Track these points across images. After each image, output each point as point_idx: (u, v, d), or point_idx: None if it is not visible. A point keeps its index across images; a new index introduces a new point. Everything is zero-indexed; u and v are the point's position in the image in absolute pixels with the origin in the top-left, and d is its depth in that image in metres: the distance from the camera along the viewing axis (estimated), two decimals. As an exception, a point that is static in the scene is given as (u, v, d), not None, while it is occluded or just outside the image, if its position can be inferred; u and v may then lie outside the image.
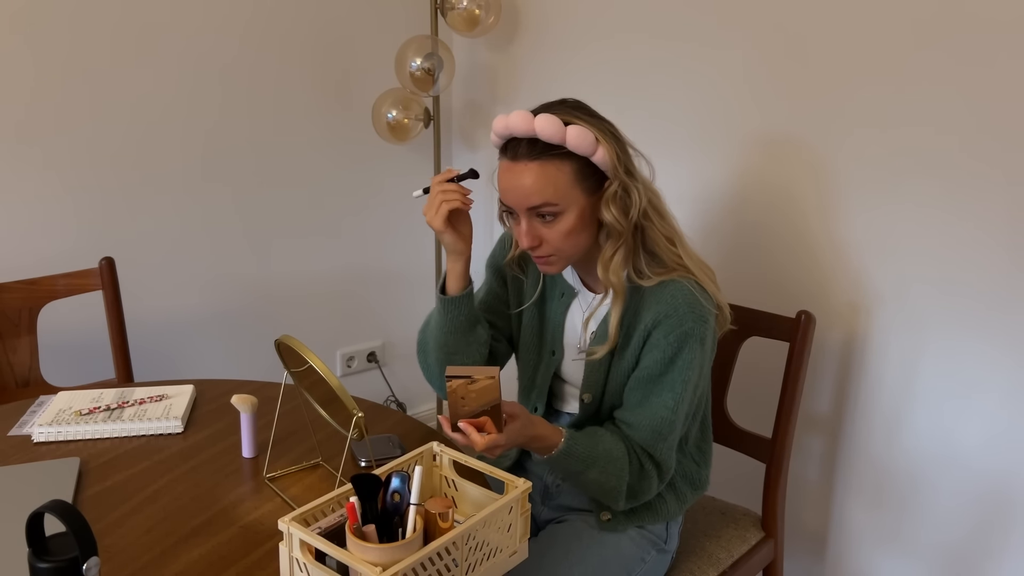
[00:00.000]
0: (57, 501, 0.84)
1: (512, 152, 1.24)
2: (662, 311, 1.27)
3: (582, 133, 1.20)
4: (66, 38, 1.92)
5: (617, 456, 1.28)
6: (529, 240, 1.26)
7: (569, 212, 1.24)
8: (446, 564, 0.96)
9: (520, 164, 1.23)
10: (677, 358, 1.27)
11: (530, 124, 1.20)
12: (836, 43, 1.69)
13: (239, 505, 1.21)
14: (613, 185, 1.24)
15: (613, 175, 1.24)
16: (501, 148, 1.27)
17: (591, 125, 1.22)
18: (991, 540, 1.64)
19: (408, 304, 2.69)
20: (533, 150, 1.22)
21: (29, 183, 1.95)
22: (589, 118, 1.24)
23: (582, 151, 1.21)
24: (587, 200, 1.25)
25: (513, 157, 1.24)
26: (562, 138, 1.20)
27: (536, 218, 1.25)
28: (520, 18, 2.37)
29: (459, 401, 1.12)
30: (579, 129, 1.20)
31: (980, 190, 1.53)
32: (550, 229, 1.25)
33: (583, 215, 1.25)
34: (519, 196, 1.24)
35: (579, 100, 1.29)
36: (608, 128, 1.26)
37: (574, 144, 1.20)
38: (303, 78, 2.31)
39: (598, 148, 1.22)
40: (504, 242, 1.48)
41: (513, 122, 1.22)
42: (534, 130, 1.20)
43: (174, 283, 2.21)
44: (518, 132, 1.22)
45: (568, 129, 1.20)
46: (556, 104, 1.26)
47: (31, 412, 1.47)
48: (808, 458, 1.88)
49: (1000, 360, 1.56)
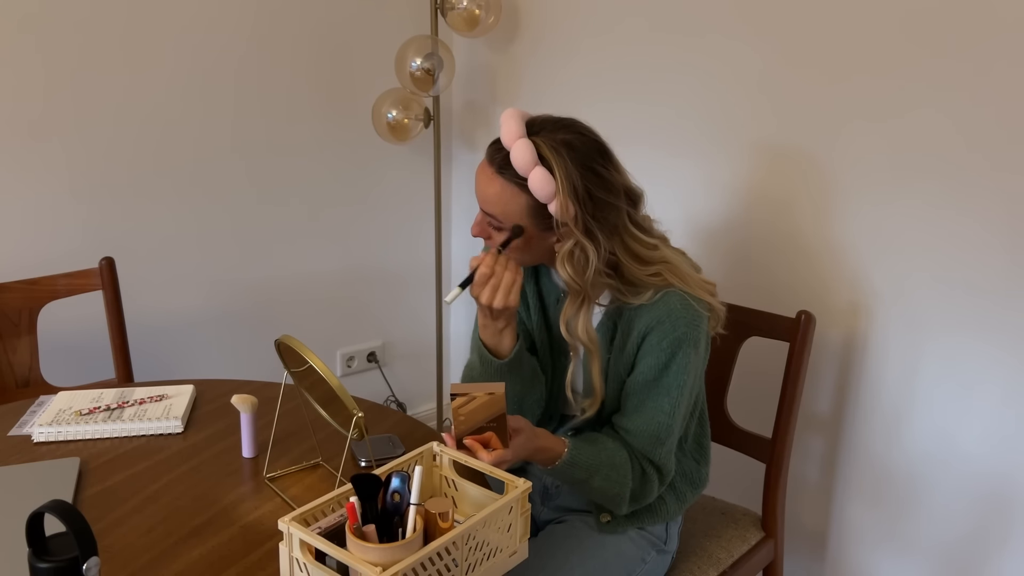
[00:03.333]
0: (57, 501, 0.84)
1: (491, 154, 1.25)
2: (655, 317, 1.26)
3: (544, 181, 1.18)
4: (65, 41, 1.92)
5: (620, 463, 1.29)
6: (477, 231, 1.29)
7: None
8: (446, 564, 0.96)
9: (490, 169, 1.24)
10: (672, 363, 1.27)
11: (512, 140, 1.20)
12: (836, 44, 1.69)
13: (239, 505, 1.21)
14: (566, 243, 1.22)
15: (566, 232, 1.21)
16: (492, 140, 1.26)
17: (565, 173, 1.18)
18: (991, 540, 1.64)
19: (408, 304, 2.69)
20: (504, 167, 1.22)
21: (30, 183, 1.95)
22: (571, 163, 1.19)
23: (538, 196, 1.20)
24: (536, 232, 1.25)
25: (489, 160, 1.25)
26: (526, 174, 1.19)
27: (487, 220, 1.27)
28: (520, 18, 2.37)
29: (462, 418, 1.12)
30: (543, 175, 1.18)
31: (980, 190, 1.54)
32: (497, 235, 1.27)
33: (528, 241, 1.26)
34: (479, 196, 1.27)
35: (586, 132, 1.24)
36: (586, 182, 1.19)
37: (533, 187, 1.19)
38: (303, 78, 2.31)
39: (554, 200, 1.19)
40: None
41: (504, 130, 1.22)
42: (510, 149, 1.20)
43: (174, 283, 2.21)
44: (502, 141, 1.23)
45: (535, 170, 1.18)
46: (558, 127, 1.23)
47: (31, 412, 1.47)
48: (808, 458, 1.88)
49: (1000, 359, 1.56)
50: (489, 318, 1.29)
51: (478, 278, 1.25)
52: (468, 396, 1.12)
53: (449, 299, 1.27)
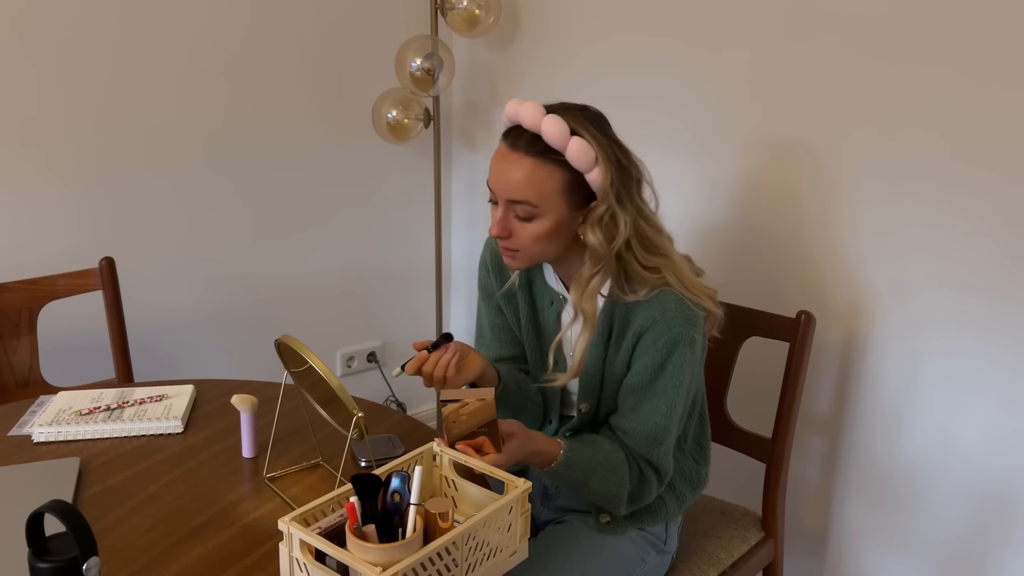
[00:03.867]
0: (57, 501, 0.84)
1: (512, 140, 1.22)
2: (650, 317, 1.26)
3: (584, 148, 1.18)
4: (65, 39, 1.92)
5: (617, 464, 1.28)
6: (499, 230, 1.25)
7: (545, 218, 1.23)
8: (446, 564, 0.96)
9: (515, 155, 1.21)
10: (667, 363, 1.26)
11: (538, 120, 1.19)
12: (837, 45, 1.69)
13: (239, 505, 1.21)
14: (600, 208, 1.22)
15: (602, 198, 1.22)
16: (505, 131, 1.25)
17: (597, 142, 1.20)
18: (991, 540, 1.64)
19: (408, 304, 2.69)
20: (532, 146, 1.20)
21: (29, 183, 1.95)
22: (599, 135, 1.21)
23: (578, 165, 1.19)
24: (568, 213, 1.24)
25: (512, 145, 1.22)
26: (564, 146, 1.18)
27: (512, 212, 1.24)
28: (520, 18, 2.37)
29: (452, 425, 1.12)
30: (582, 143, 1.18)
31: (980, 191, 1.54)
32: (522, 227, 1.24)
33: (559, 225, 1.24)
34: (504, 186, 1.23)
35: (601, 113, 1.26)
36: (615, 152, 1.23)
37: (573, 156, 1.18)
38: (303, 78, 2.31)
39: (595, 168, 1.20)
40: (486, 266, 1.47)
41: (524, 113, 1.20)
42: (540, 127, 1.19)
43: (174, 283, 2.21)
44: (525, 124, 1.20)
45: (572, 139, 1.18)
46: (574, 109, 1.24)
47: (31, 412, 1.47)
48: (808, 458, 1.88)
49: (1000, 360, 1.56)
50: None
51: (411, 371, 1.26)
52: (459, 402, 1.12)
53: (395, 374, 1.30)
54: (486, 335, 1.51)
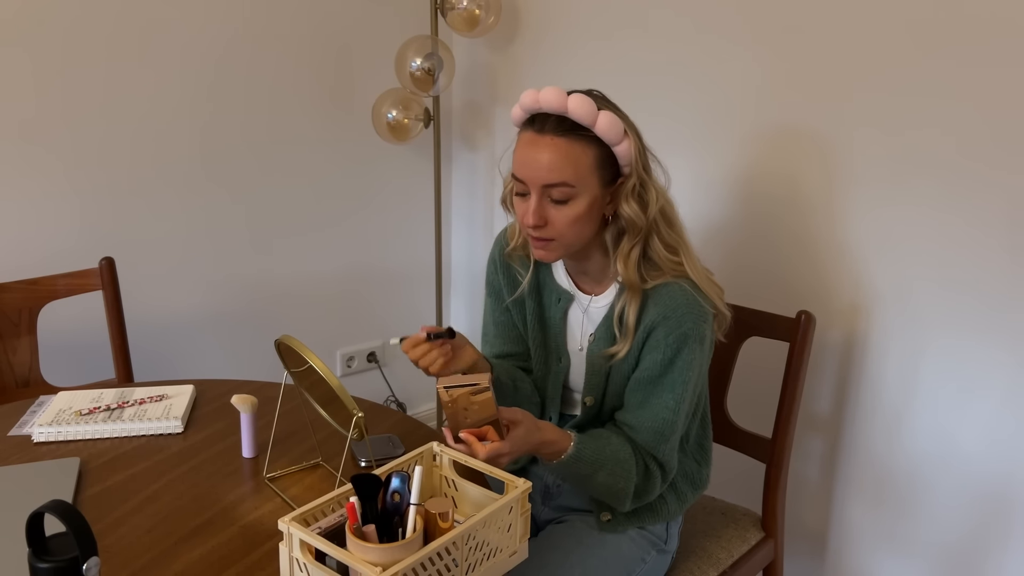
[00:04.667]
0: (57, 501, 0.84)
1: (540, 125, 1.22)
2: (661, 312, 1.26)
3: (613, 121, 1.20)
4: (65, 38, 1.92)
5: (624, 458, 1.28)
6: (535, 218, 1.23)
7: (582, 197, 1.23)
8: (446, 564, 0.96)
9: (546, 138, 1.21)
10: (677, 358, 1.27)
11: (563, 101, 1.20)
12: (838, 44, 1.69)
13: (239, 505, 1.21)
14: (631, 179, 1.24)
15: (632, 169, 1.24)
16: (527, 121, 1.25)
17: (621, 117, 1.24)
18: (991, 540, 1.64)
19: (408, 304, 2.69)
20: (561, 126, 1.21)
21: (29, 183, 1.95)
22: (617, 111, 1.26)
23: (609, 139, 1.21)
24: (600, 190, 1.25)
25: (540, 130, 1.22)
26: (593, 121, 1.20)
27: (547, 198, 1.24)
28: (520, 18, 2.37)
29: (461, 412, 1.12)
30: (610, 116, 1.21)
31: (981, 190, 1.54)
32: (558, 212, 1.24)
33: (593, 204, 1.24)
34: (537, 171, 1.22)
35: (604, 94, 1.29)
36: (632, 125, 1.27)
37: (603, 130, 1.20)
38: (303, 78, 2.31)
39: (624, 139, 1.22)
40: (495, 263, 1.47)
41: (545, 97, 1.21)
42: (567, 108, 1.20)
43: (174, 283, 2.21)
44: (549, 108, 1.21)
45: (601, 113, 1.20)
46: (582, 91, 1.25)
47: (31, 412, 1.47)
48: (808, 458, 1.88)
49: (1000, 360, 1.56)
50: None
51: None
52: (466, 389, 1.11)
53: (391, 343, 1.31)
54: (490, 331, 1.51)
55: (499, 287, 1.46)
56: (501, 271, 1.45)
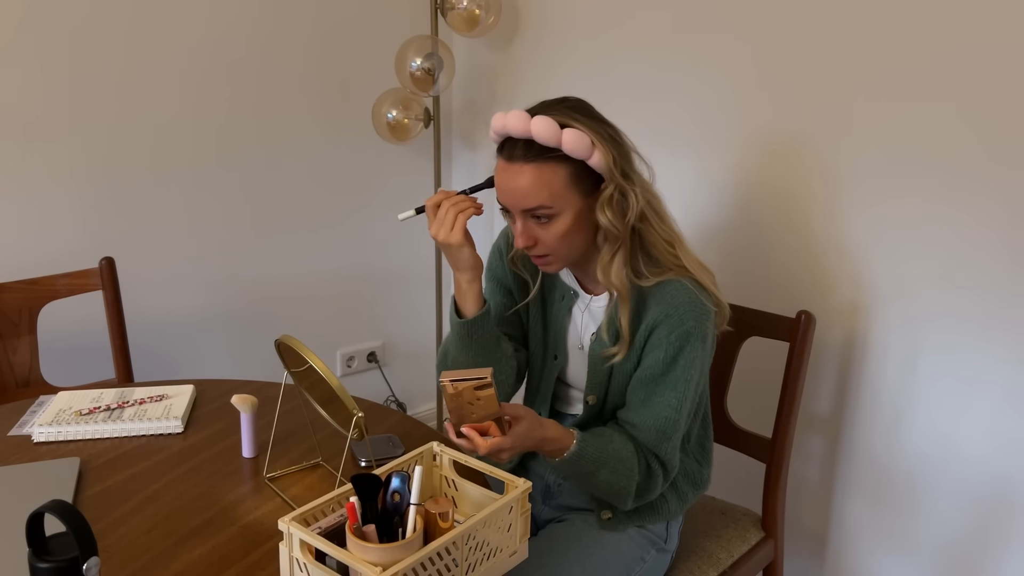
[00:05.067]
0: (57, 501, 0.84)
1: (508, 153, 1.24)
2: (663, 310, 1.26)
3: (578, 137, 1.19)
4: (65, 41, 1.92)
5: (627, 457, 1.28)
6: (524, 241, 1.26)
7: (564, 215, 1.24)
8: (446, 564, 0.96)
9: (516, 165, 1.22)
10: (679, 357, 1.27)
11: (526, 125, 1.20)
12: (837, 44, 1.69)
13: (239, 505, 1.21)
14: (608, 188, 1.23)
15: (609, 178, 1.23)
16: (498, 146, 1.26)
17: (588, 128, 1.21)
18: (991, 540, 1.64)
19: (408, 304, 2.69)
20: (529, 152, 1.21)
21: (30, 183, 1.95)
22: (587, 120, 1.23)
23: (578, 155, 1.20)
24: (583, 202, 1.25)
25: (509, 158, 1.23)
26: (558, 141, 1.19)
27: (531, 219, 1.25)
28: (520, 18, 2.37)
29: (464, 406, 1.12)
30: (575, 132, 1.19)
31: (980, 188, 1.53)
32: (545, 231, 1.25)
33: (579, 217, 1.25)
34: (514, 198, 1.24)
35: (580, 99, 1.28)
36: (606, 131, 1.25)
37: (570, 148, 1.20)
38: (303, 78, 2.31)
39: (594, 152, 1.21)
40: (500, 251, 1.47)
41: (510, 122, 1.21)
42: (530, 132, 1.20)
43: (174, 283, 2.21)
44: (515, 133, 1.21)
45: (564, 132, 1.19)
46: (555, 104, 1.26)
47: (31, 412, 1.47)
48: (808, 458, 1.88)
49: (1000, 359, 1.56)
50: (452, 266, 1.31)
51: (427, 212, 1.27)
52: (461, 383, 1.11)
53: (402, 217, 1.32)
54: None
55: (502, 273, 1.46)
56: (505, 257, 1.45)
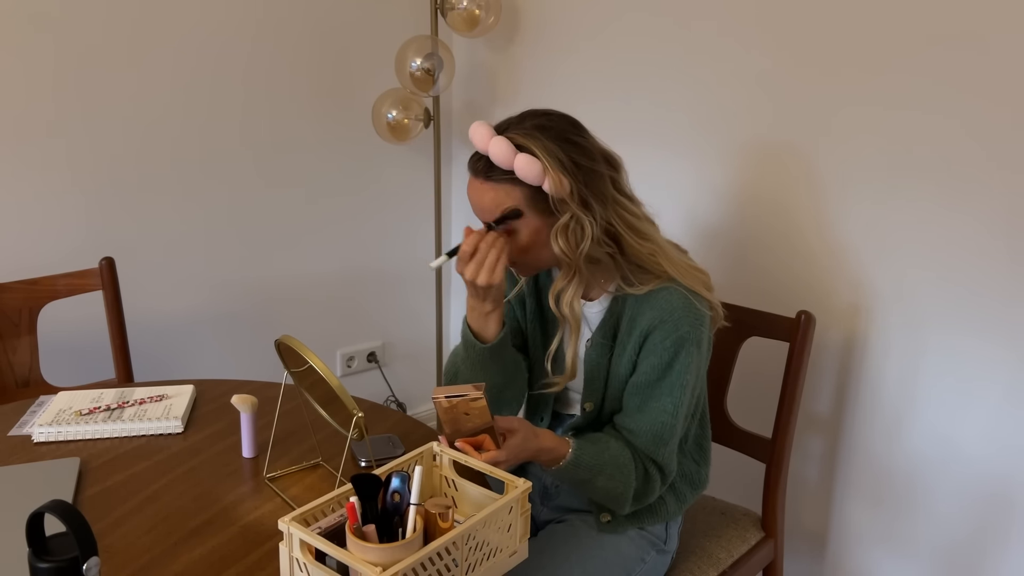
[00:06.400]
0: (57, 501, 0.84)
1: (473, 166, 1.26)
2: (657, 316, 1.27)
3: (530, 164, 1.19)
4: (66, 41, 1.92)
5: (624, 463, 1.28)
6: None
7: (522, 232, 1.25)
8: (446, 564, 0.96)
9: (477, 181, 1.26)
10: (674, 362, 1.27)
11: (486, 144, 1.22)
12: (836, 44, 1.69)
13: (239, 505, 1.21)
14: (563, 217, 1.23)
15: (561, 207, 1.22)
16: (470, 158, 1.28)
17: (545, 153, 1.20)
18: (991, 540, 1.64)
19: (408, 304, 2.69)
20: (488, 170, 1.23)
21: (29, 183, 1.95)
22: (551, 143, 1.21)
23: (529, 180, 1.21)
24: (542, 220, 1.25)
25: (473, 173, 1.27)
26: (510, 165, 1.21)
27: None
28: (520, 18, 2.37)
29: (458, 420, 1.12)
30: (527, 160, 1.19)
31: (979, 190, 1.54)
32: (511, 241, 1.27)
33: (537, 235, 1.26)
34: (478, 211, 1.28)
35: (560, 116, 1.26)
36: (570, 156, 1.22)
37: (522, 173, 1.20)
38: (303, 78, 2.31)
39: (545, 179, 1.21)
40: None
41: (475, 139, 1.23)
42: (488, 151, 1.22)
43: (174, 283, 2.21)
44: (477, 148, 1.24)
45: (517, 157, 1.20)
46: (527, 120, 1.25)
47: (31, 412, 1.47)
48: (808, 458, 1.88)
49: (1000, 359, 1.56)
50: (476, 298, 1.31)
51: (461, 255, 1.27)
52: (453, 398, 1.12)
53: (433, 265, 1.33)
54: None
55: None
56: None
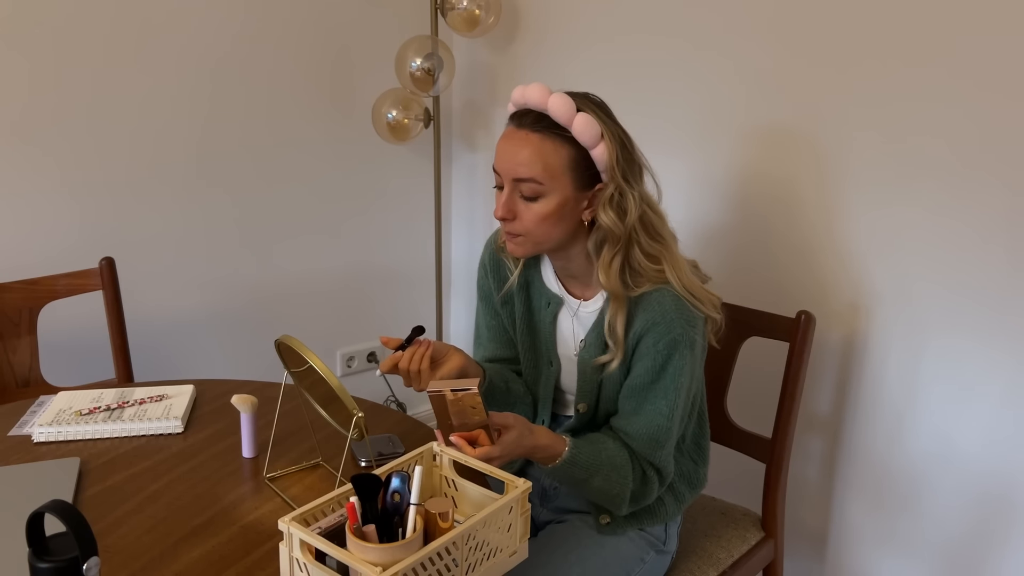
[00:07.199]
0: (57, 501, 0.84)
1: (519, 120, 1.24)
2: (650, 319, 1.26)
3: (590, 122, 1.20)
4: (65, 38, 1.92)
5: (621, 463, 1.28)
6: (503, 211, 1.25)
7: (551, 196, 1.23)
8: (446, 564, 0.96)
9: (522, 132, 1.23)
10: (668, 365, 1.27)
11: (544, 98, 1.21)
12: (837, 44, 1.69)
13: (239, 505, 1.21)
14: (608, 188, 1.24)
15: (609, 176, 1.23)
16: (512, 115, 1.27)
17: (602, 121, 1.22)
18: (991, 540, 1.64)
19: (408, 304, 2.69)
20: (539, 123, 1.22)
21: (29, 183, 1.95)
22: (604, 117, 1.24)
23: (584, 140, 1.21)
24: (573, 193, 1.24)
25: (519, 125, 1.24)
26: (570, 121, 1.20)
27: (518, 193, 1.25)
28: (520, 18, 2.37)
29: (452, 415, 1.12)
30: (588, 118, 1.20)
31: (980, 191, 1.54)
32: (527, 208, 1.25)
33: (564, 205, 1.24)
34: (510, 163, 1.24)
35: (603, 101, 1.28)
36: (620, 133, 1.25)
37: (579, 130, 1.20)
38: (303, 78, 2.31)
39: (600, 143, 1.21)
40: (484, 267, 1.47)
41: (530, 93, 1.22)
42: (547, 105, 1.20)
43: (174, 283, 2.21)
44: (532, 103, 1.22)
45: (578, 115, 1.20)
46: (579, 94, 1.26)
47: (31, 412, 1.47)
48: (808, 458, 1.88)
49: (1000, 360, 1.56)
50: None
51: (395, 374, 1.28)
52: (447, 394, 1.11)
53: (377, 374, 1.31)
54: (483, 335, 1.51)
55: (489, 291, 1.47)
56: (491, 275, 1.46)
